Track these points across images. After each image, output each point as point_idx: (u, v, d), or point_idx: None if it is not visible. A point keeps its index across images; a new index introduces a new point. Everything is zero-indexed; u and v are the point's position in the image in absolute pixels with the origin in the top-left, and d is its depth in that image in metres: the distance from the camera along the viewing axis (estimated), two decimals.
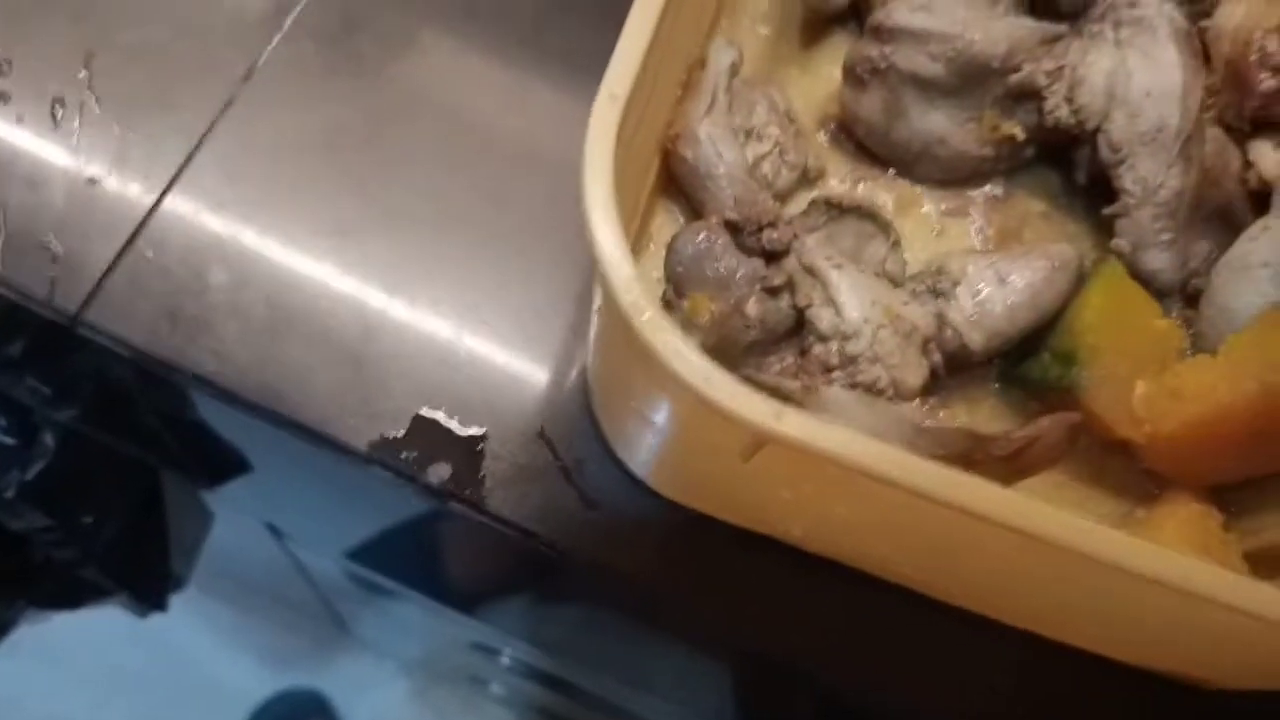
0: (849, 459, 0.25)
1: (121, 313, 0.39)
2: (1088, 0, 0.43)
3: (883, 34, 0.41)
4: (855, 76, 0.42)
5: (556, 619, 0.61)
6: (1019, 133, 0.42)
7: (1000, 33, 0.41)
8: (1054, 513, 0.25)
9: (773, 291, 0.36)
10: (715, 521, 0.38)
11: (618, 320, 0.26)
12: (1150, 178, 0.41)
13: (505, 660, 0.89)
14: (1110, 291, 0.37)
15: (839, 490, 0.29)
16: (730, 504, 0.36)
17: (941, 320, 0.38)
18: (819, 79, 0.45)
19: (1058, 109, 0.42)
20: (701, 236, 0.36)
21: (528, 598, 0.59)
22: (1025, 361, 0.38)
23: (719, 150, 0.40)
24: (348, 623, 1.10)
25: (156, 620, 0.74)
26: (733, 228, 0.36)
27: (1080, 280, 0.39)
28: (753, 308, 0.35)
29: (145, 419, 0.57)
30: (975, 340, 0.38)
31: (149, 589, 0.66)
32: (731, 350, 0.36)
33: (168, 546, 0.66)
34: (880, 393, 0.35)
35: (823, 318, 0.36)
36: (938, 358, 0.37)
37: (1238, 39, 0.43)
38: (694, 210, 0.41)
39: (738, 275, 0.36)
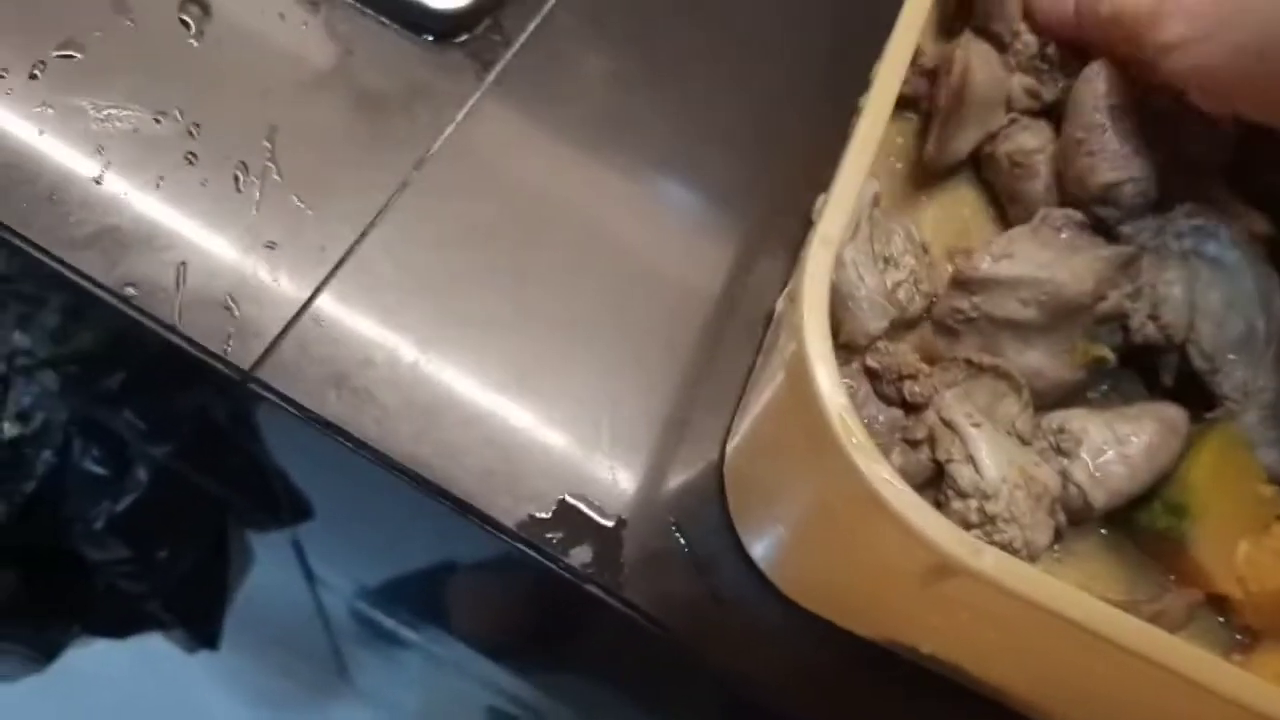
0: (1041, 601, 0.27)
1: (291, 375, 0.41)
2: (1139, 211, 0.44)
3: (972, 285, 0.43)
4: (946, 327, 0.43)
5: (619, 691, 0.63)
6: (1110, 356, 0.43)
7: (1084, 269, 0.42)
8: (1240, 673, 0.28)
9: (914, 444, 0.38)
10: (837, 629, 0.40)
11: (808, 438, 0.29)
12: (1249, 383, 0.42)
13: None
14: (1221, 452, 0.40)
15: (994, 619, 0.32)
16: (863, 617, 0.39)
17: (1066, 479, 0.40)
18: (947, 211, 0.48)
19: (1144, 328, 0.43)
20: (846, 383, 0.38)
21: (592, 668, 0.60)
22: (1137, 510, 0.41)
23: (861, 274, 0.43)
24: (349, 670, 1.10)
25: (148, 651, 0.74)
26: (873, 375, 0.39)
27: (1188, 441, 0.41)
28: (896, 458, 0.37)
29: (233, 459, 0.59)
30: (1099, 499, 0.40)
31: (205, 626, 0.67)
32: None
33: (227, 586, 0.68)
34: (1015, 553, 0.36)
35: (963, 475, 0.37)
36: (1063, 518, 0.39)
37: None
38: (835, 330, 0.43)
39: (879, 423, 0.38)
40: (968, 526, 0.37)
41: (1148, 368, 0.45)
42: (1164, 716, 0.34)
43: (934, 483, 0.39)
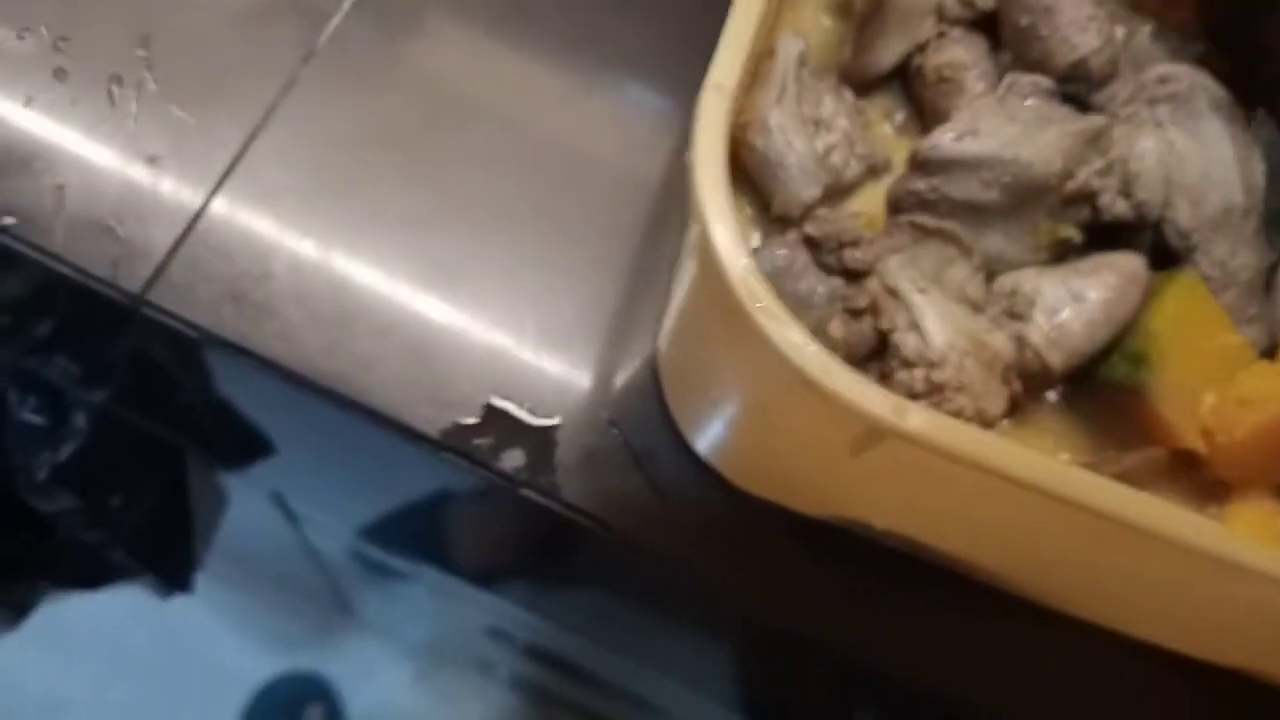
0: (974, 456, 0.25)
1: (185, 295, 0.38)
2: (1109, 79, 0.42)
3: (930, 167, 0.40)
4: (902, 209, 0.40)
5: (592, 601, 0.61)
6: (1075, 235, 0.41)
7: (1052, 146, 0.39)
8: (1169, 508, 0.25)
9: (856, 313, 0.35)
10: (786, 511, 0.38)
11: (721, 310, 0.26)
12: (1228, 260, 0.40)
13: (519, 644, 0.89)
14: (1184, 300, 0.37)
15: (941, 484, 0.29)
16: (810, 495, 0.36)
17: (1021, 343, 0.37)
18: (874, 131, 0.45)
19: (1115, 205, 0.40)
20: (782, 253, 0.35)
21: (565, 579, 0.59)
22: (1095, 367, 0.38)
23: (789, 139, 0.40)
24: (353, 606, 1.10)
25: (157, 601, 0.73)
26: (813, 244, 0.36)
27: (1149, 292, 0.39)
28: (836, 329, 0.35)
29: (177, 399, 0.57)
30: (1056, 361, 0.37)
31: (174, 571, 0.66)
32: None
33: (192, 528, 0.66)
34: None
35: (908, 343, 0.35)
36: (1018, 385, 0.37)
37: None
38: (762, 202, 0.41)
39: (818, 294, 0.35)
40: (914, 396, 0.34)
41: (1115, 245, 0.41)
42: (1126, 573, 0.31)
43: (879, 354, 0.36)
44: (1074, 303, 0.38)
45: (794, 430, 0.31)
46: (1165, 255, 0.40)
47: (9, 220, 0.39)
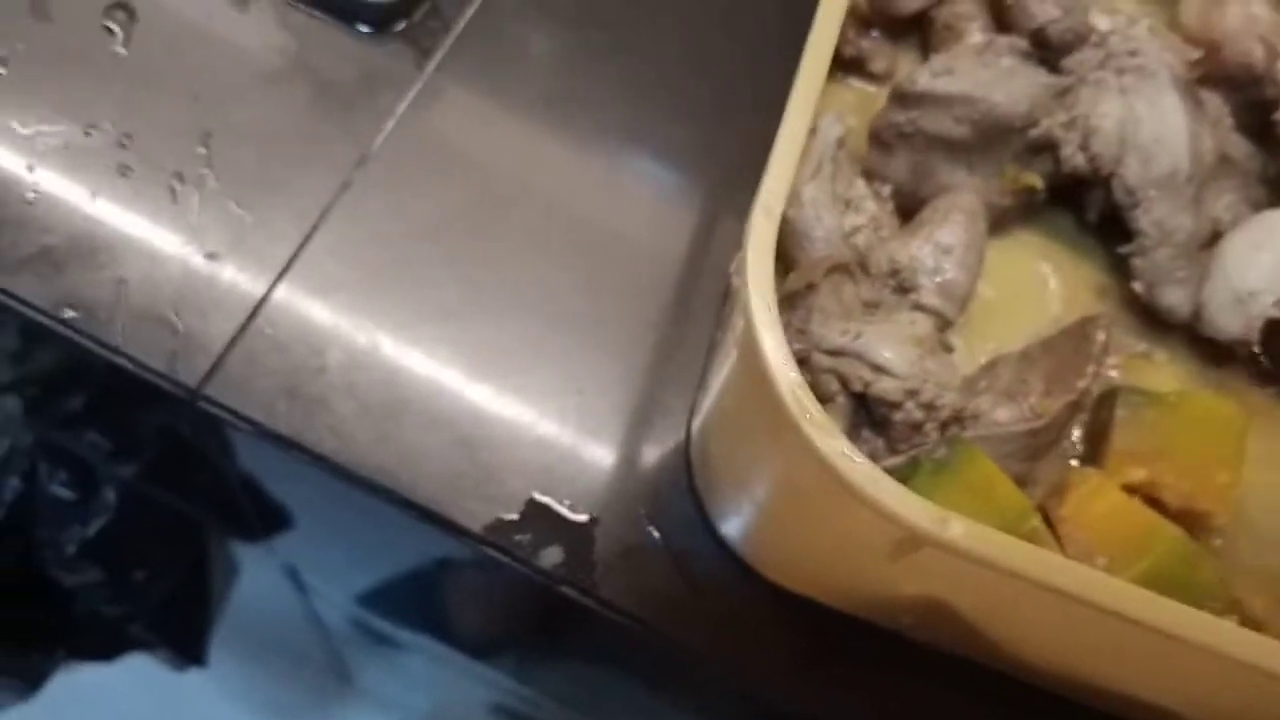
0: (1012, 565, 0.26)
1: (241, 389, 0.39)
2: (1080, 42, 0.46)
3: (908, 100, 0.44)
4: (882, 141, 0.45)
5: (601, 680, 0.62)
6: (1038, 183, 0.45)
7: (1020, 91, 0.44)
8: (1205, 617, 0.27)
9: (828, 398, 0.38)
10: (815, 604, 0.39)
11: (766, 417, 0.28)
12: (1166, 220, 0.44)
13: None
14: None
15: (976, 585, 0.31)
16: (842, 591, 0.38)
17: (922, 310, 0.41)
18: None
19: (1074, 157, 0.44)
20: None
21: (573, 657, 0.60)
22: None
23: (819, 213, 0.42)
24: (354, 675, 1.09)
25: (144, 669, 0.73)
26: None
27: None
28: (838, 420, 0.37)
29: (204, 475, 0.58)
30: (953, 311, 0.42)
31: (191, 644, 0.66)
32: None
33: (210, 602, 0.67)
34: (959, 415, 0.38)
35: (886, 389, 0.37)
36: (949, 342, 0.41)
37: None
38: (787, 267, 0.43)
39: None
40: (919, 426, 0.37)
41: (1076, 203, 0.46)
42: (1159, 673, 0.33)
43: (863, 411, 0.38)
44: (943, 254, 0.42)
45: (832, 531, 0.33)
46: (1122, 231, 0.45)
47: (70, 314, 0.40)
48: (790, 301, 0.40)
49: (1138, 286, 0.45)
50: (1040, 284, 0.47)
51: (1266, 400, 0.46)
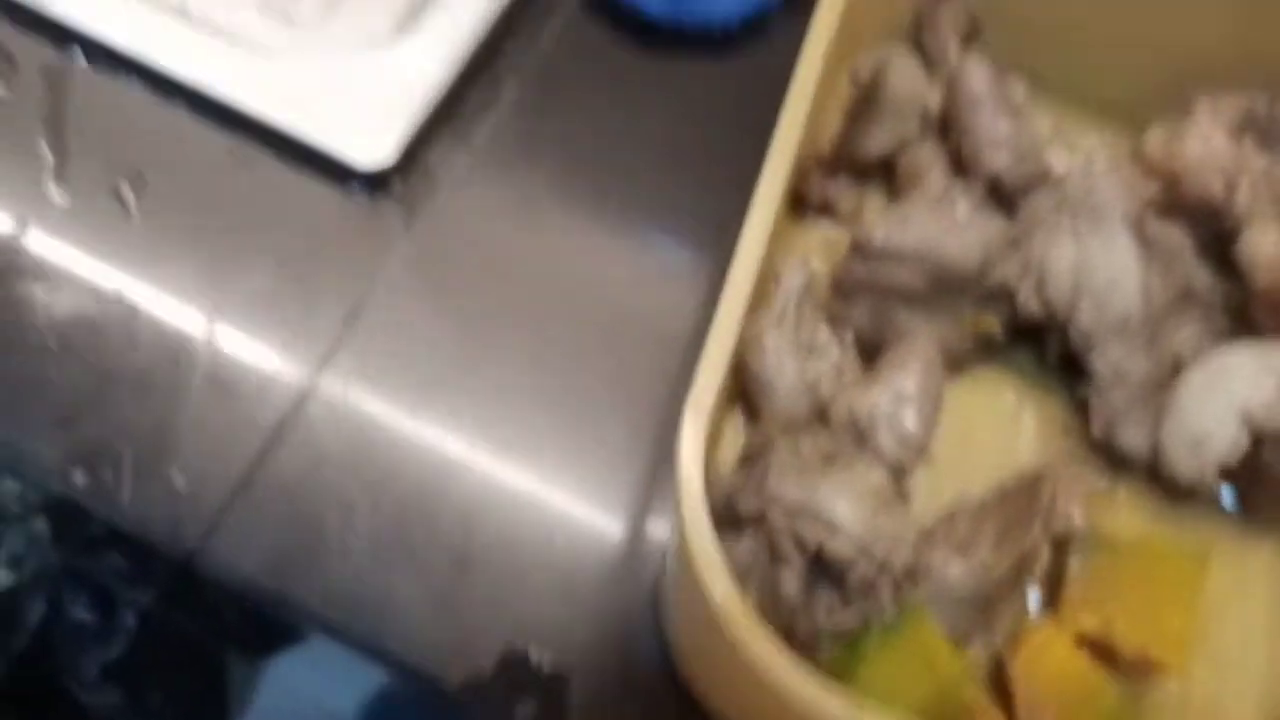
0: None
1: (235, 553, 0.42)
2: (1034, 187, 0.48)
3: (866, 253, 0.46)
4: (843, 290, 0.47)
5: None
6: (996, 327, 0.47)
7: (973, 242, 0.45)
8: None
9: (783, 559, 0.39)
10: None
11: (702, 610, 0.29)
12: (1120, 363, 0.45)
13: None
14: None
15: None
16: None
17: (881, 458, 0.42)
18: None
19: (1029, 303, 0.46)
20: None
21: None
22: None
23: (782, 362, 0.44)
24: None
25: None
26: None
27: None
28: (790, 585, 0.38)
29: (214, 595, 0.60)
30: (911, 459, 0.43)
31: None
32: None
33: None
34: (912, 573, 0.39)
35: (839, 548, 0.39)
36: (905, 491, 0.42)
37: (1272, 271, 0.47)
38: (752, 414, 0.44)
39: (742, 560, 0.39)
40: (871, 586, 0.38)
41: (1040, 341, 0.48)
42: None
43: (819, 566, 0.39)
44: (900, 403, 0.43)
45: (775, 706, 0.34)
46: (1082, 371, 0.46)
47: (79, 477, 0.43)
48: (749, 458, 0.42)
49: (1096, 427, 0.46)
50: (1007, 422, 0.49)
51: (1232, 535, 0.47)
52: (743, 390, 0.45)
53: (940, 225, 0.46)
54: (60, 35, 0.50)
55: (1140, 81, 0.55)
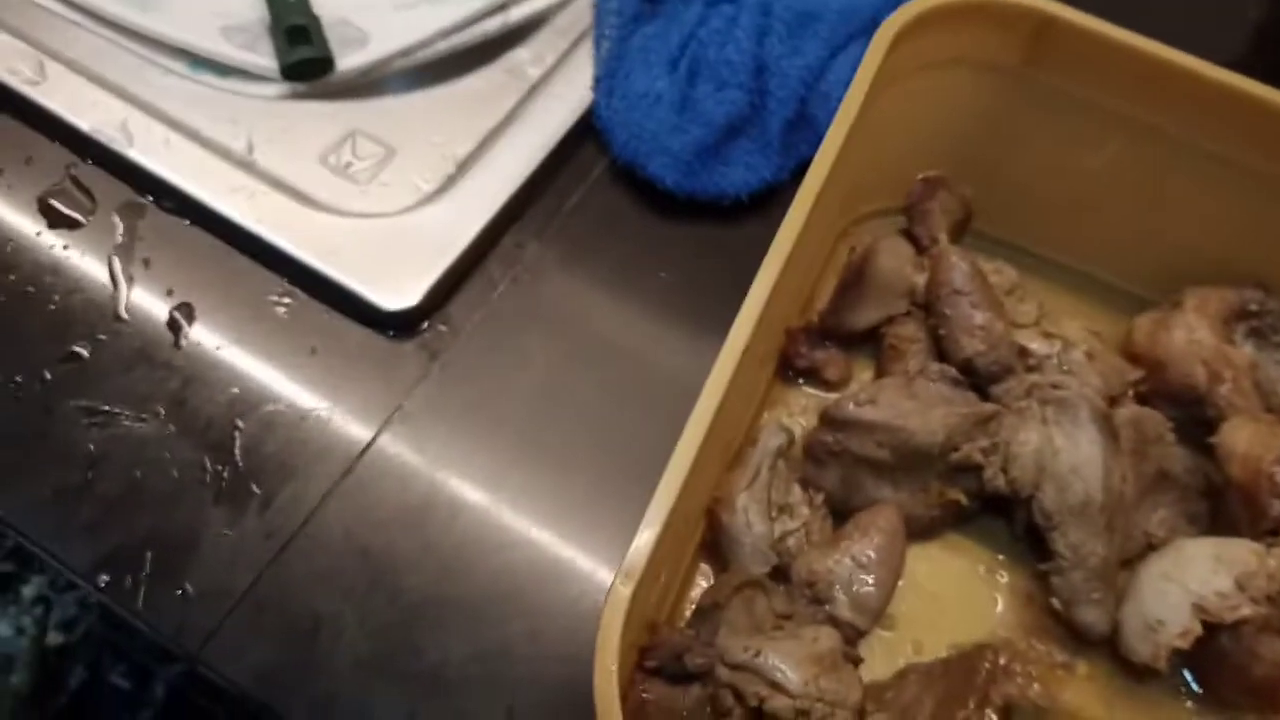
0: None
1: (237, 652, 0.46)
2: (1005, 374, 0.51)
3: (835, 423, 0.49)
4: (815, 456, 0.50)
5: None
6: (963, 499, 0.49)
7: (937, 421, 0.48)
8: None
9: (726, 712, 0.41)
10: None
11: None
12: (1080, 545, 0.47)
13: None
14: None
15: None
16: None
17: (836, 622, 0.44)
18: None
19: (995, 479, 0.48)
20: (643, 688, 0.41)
21: None
22: None
23: (750, 521, 0.47)
24: None
25: None
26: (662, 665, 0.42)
27: None
28: None
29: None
30: (865, 623, 0.45)
31: None
32: None
33: None
34: None
35: (778, 707, 0.41)
36: (857, 655, 0.44)
37: (1247, 465, 0.49)
38: (722, 569, 0.47)
39: (689, 708, 0.41)
40: None
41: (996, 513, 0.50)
42: None
43: None
44: (860, 569, 0.46)
45: None
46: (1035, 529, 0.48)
47: (103, 578, 0.47)
48: (702, 614, 0.44)
49: (1055, 603, 0.48)
50: (976, 588, 0.50)
51: (1191, 716, 0.48)
52: (716, 549, 0.48)
53: (907, 403, 0.48)
54: (137, 178, 0.57)
55: (1133, 268, 0.58)
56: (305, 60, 0.60)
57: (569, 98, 0.62)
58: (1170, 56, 0.50)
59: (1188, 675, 0.48)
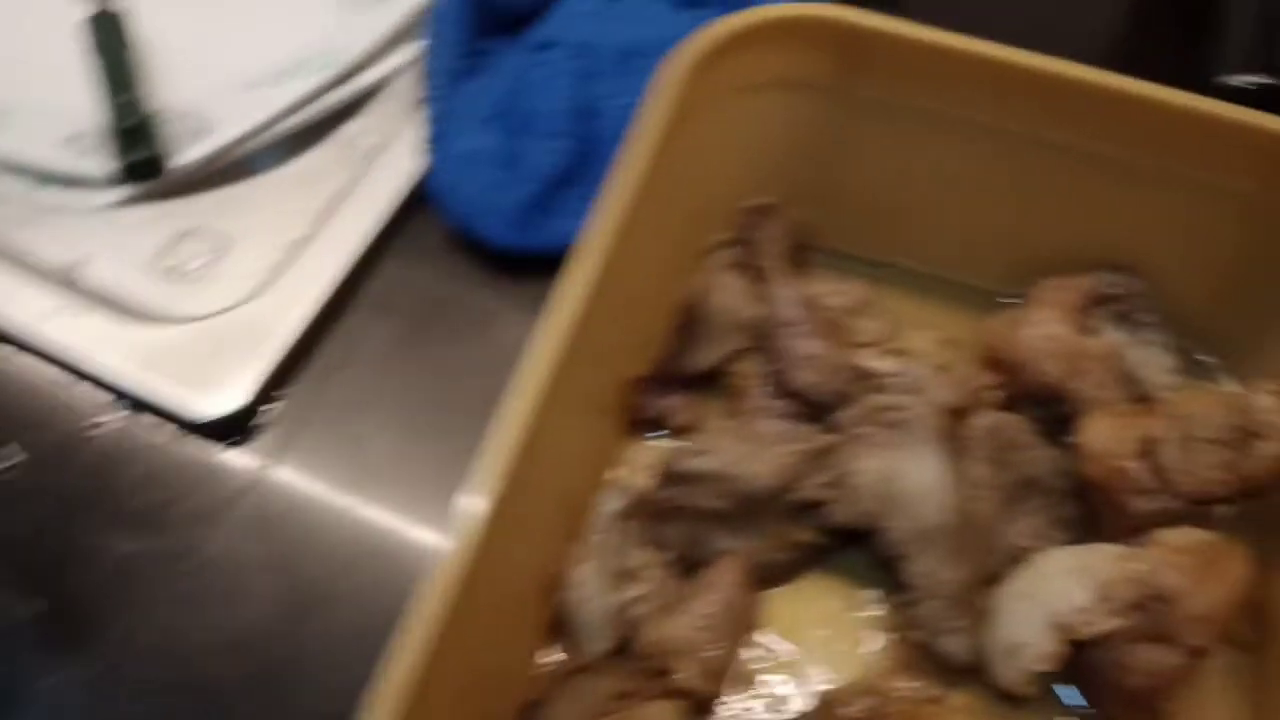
0: None
1: None
2: (841, 401, 0.49)
3: (672, 479, 0.47)
4: (658, 513, 0.48)
5: None
6: (811, 539, 0.48)
7: (772, 464, 0.46)
8: None
9: None
10: None
11: None
12: (932, 573, 0.45)
13: None
14: None
15: None
16: None
17: (681, 691, 0.43)
18: None
19: (839, 514, 0.47)
20: None
21: None
22: None
23: (591, 595, 0.45)
24: None
25: None
26: None
27: None
28: None
29: None
30: (714, 688, 0.44)
31: None
32: None
33: None
34: None
35: None
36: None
37: (1103, 462, 0.47)
38: (570, 648, 0.45)
39: None
40: None
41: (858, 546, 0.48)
42: None
43: None
44: (704, 631, 0.44)
45: None
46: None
47: None
48: (537, 703, 0.43)
49: (916, 635, 0.46)
50: (842, 628, 0.49)
51: None
52: (562, 623, 0.47)
53: (742, 447, 0.47)
54: None
55: (989, 268, 0.57)
56: (142, 161, 0.59)
57: (400, 167, 0.60)
58: (978, 50, 0.49)
59: (1063, 693, 0.46)
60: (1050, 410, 0.51)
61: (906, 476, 0.46)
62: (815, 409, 0.49)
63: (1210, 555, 0.45)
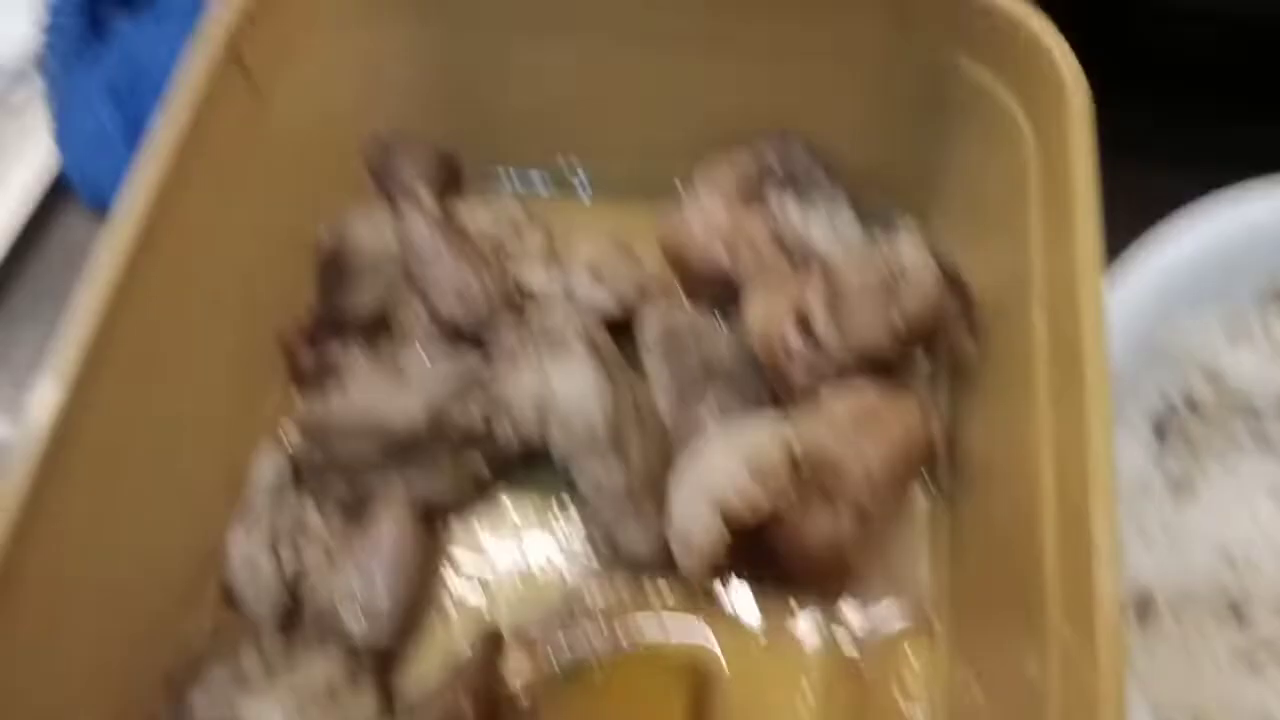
0: None
1: None
2: (485, 329, 0.47)
3: (315, 434, 0.44)
4: (312, 469, 0.45)
5: None
6: (481, 470, 0.46)
7: (415, 404, 0.44)
8: None
9: None
10: None
11: None
12: (600, 479, 0.44)
13: None
14: None
15: None
16: None
17: (352, 642, 0.41)
18: None
19: (506, 438, 0.45)
20: None
21: None
22: None
23: (251, 566, 0.43)
24: None
25: None
26: None
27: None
28: None
29: None
30: (386, 639, 0.42)
31: None
32: None
33: None
34: None
35: None
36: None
37: (765, 340, 0.46)
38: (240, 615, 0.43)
39: None
40: None
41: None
42: None
43: None
44: (369, 581, 0.42)
45: None
46: None
47: None
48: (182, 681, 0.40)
49: (602, 547, 0.45)
50: (535, 543, 0.47)
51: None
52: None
53: (379, 391, 0.44)
54: None
55: (660, 161, 0.54)
56: None
57: (34, 160, 0.56)
58: None
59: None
60: (729, 293, 0.50)
61: (562, 389, 0.44)
62: (475, 339, 0.47)
63: (871, 414, 0.44)
